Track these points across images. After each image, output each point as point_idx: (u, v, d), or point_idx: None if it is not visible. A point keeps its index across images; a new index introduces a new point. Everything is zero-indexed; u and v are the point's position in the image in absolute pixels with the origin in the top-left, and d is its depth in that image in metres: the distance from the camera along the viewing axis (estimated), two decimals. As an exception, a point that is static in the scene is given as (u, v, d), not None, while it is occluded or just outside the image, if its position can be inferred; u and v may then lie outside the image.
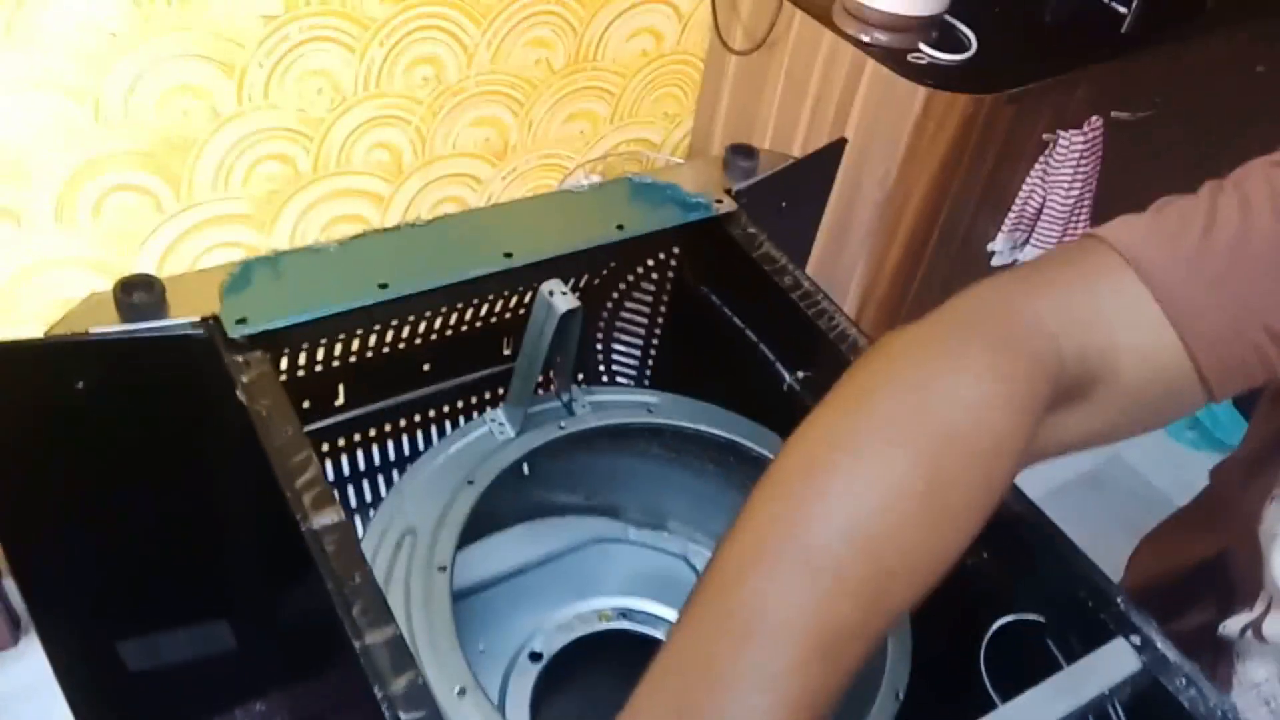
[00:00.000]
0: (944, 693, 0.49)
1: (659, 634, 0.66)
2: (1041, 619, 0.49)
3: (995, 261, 1.40)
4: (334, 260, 0.57)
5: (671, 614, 0.67)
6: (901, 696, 0.51)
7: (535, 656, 0.63)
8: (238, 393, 0.49)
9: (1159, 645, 0.46)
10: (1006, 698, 0.45)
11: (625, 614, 0.67)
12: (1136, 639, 0.46)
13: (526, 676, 0.62)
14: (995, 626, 0.49)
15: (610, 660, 0.66)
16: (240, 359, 0.51)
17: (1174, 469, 1.84)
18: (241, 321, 0.52)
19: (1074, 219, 1.35)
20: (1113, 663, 0.45)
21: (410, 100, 1.32)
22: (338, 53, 1.23)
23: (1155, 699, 0.46)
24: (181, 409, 0.54)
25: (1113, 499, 1.81)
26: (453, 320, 0.66)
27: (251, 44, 1.17)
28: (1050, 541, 0.50)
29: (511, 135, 1.44)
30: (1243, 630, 0.58)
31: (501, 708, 0.60)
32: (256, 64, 1.20)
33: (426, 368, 0.69)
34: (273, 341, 0.53)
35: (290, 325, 0.53)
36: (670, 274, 0.73)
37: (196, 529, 0.60)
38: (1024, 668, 0.47)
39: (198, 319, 0.52)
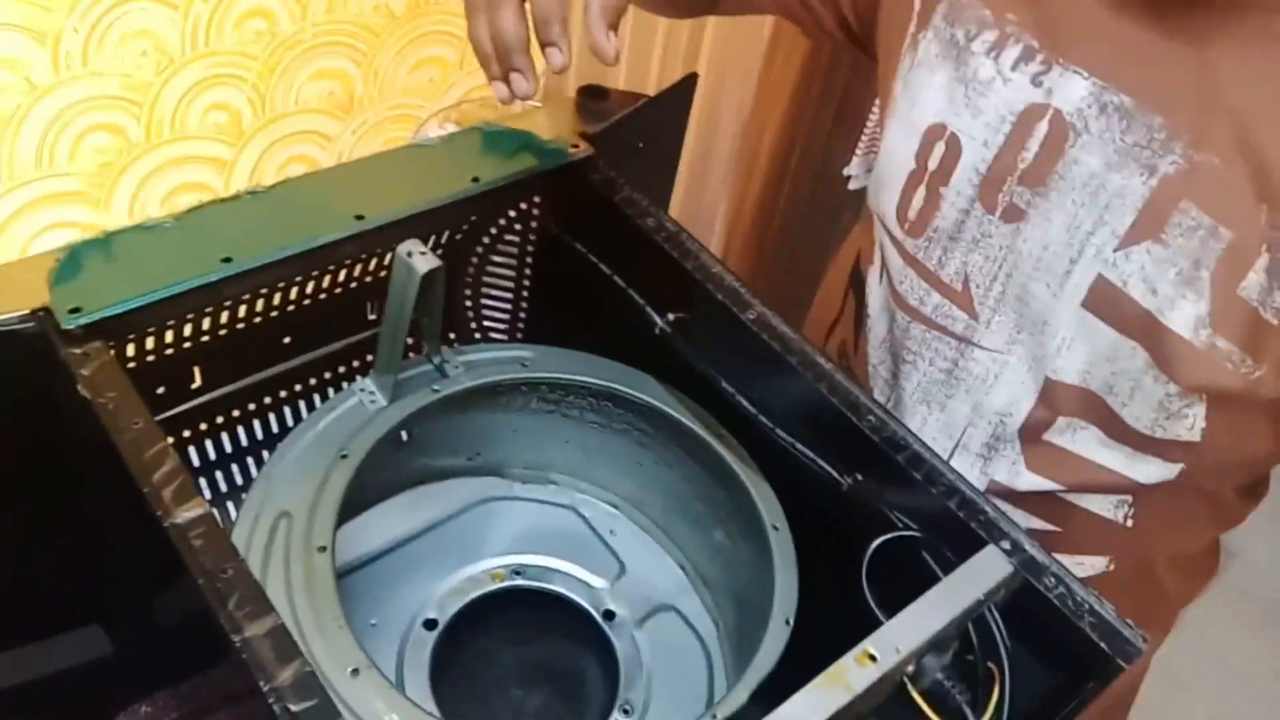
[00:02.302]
0: (832, 615, 0.50)
1: (554, 587, 0.66)
2: (917, 533, 0.51)
3: (852, 185, 1.43)
4: (171, 236, 0.53)
5: (565, 565, 0.67)
6: (791, 622, 0.53)
7: (430, 624, 0.62)
8: (79, 387, 0.46)
9: (1027, 548, 0.48)
10: (891, 613, 0.47)
11: (518, 571, 0.67)
12: (1006, 544, 0.48)
13: (423, 645, 0.61)
14: (873, 546, 0.50)
15: (507, 618, 0.66)
16: (78, 351, 0.48)
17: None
18: (75, 311, 0.49)
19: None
20: (986, 569, 0.47)
21: (244, 56, 1.25)
22: (159, 11, 1.16)
23: (1027, 598, 0.48)
24: (21, 409, 0.50)
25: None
26: (309, 289, 0.63)
27: (61, 8, 1.09)
28: (919, 458, 0.51)
29: (357, 87, 1.38)
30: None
31: (399, 680, 0.59)
32: (71, 29, 1.11)
33: (288, 341, 0.66)
34: (112, 329, 0.50)
35: (128, 310, 0.50)
36: (534, 224, 0.72)
37: (56, 533, 0.57)
38: (905, 582, 0.49)
39: (27, 312, 0.49)
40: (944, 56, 0.60)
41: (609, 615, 0.65)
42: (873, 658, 0.43)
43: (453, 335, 0.77)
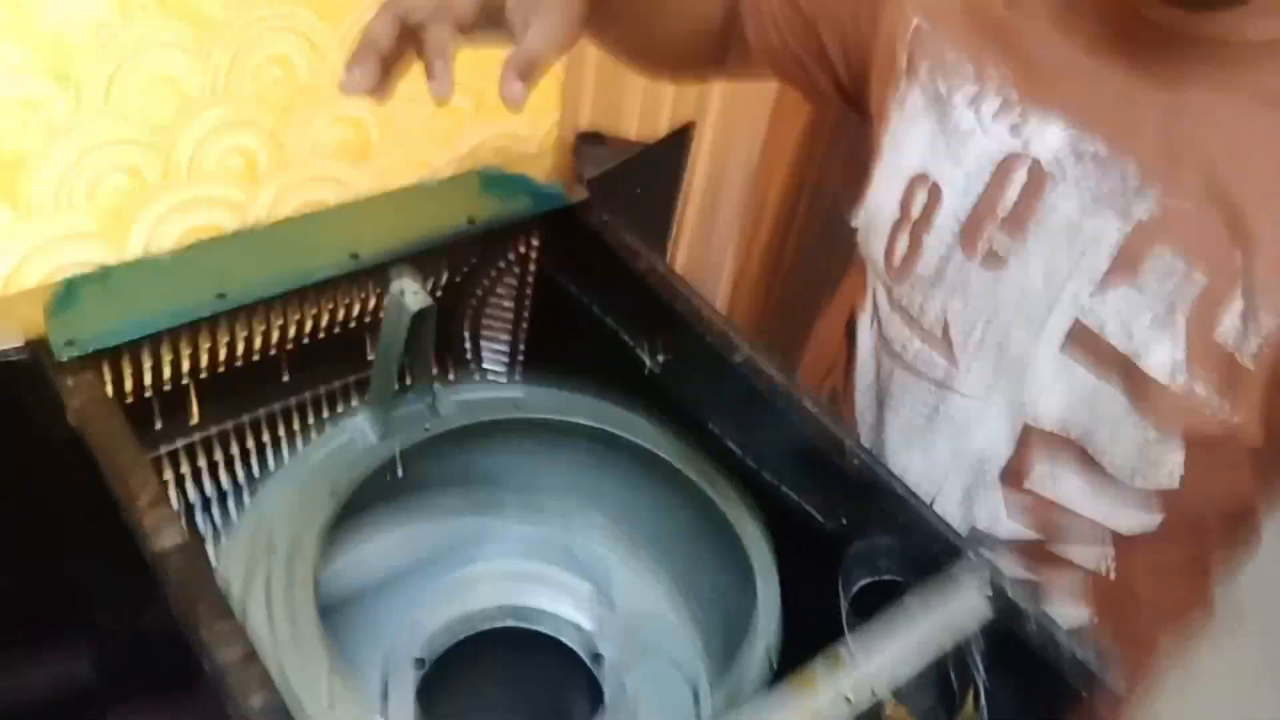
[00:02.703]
0: (814, 656, 0.50)
1: (544, 629, 0.66)
2: (899, 579, 0.51)
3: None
4: (167, 271, 0.54)
5: (556, 606, 0.67)
6: (775, 665, 0.52)
7: (418, 662, 0.62)
8: (68, 417, 0.47)
9: (1010, 594, 0.48)
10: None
11: (508, 610, 0.66)
12: (988, 588, 0.48)
13: (409, 683, 0.61)
14: (855, 589, 0.50)
15: (496, 658, 0.65)
16: (70, 382, 0.49)
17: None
18: (70, 343, 0.50)
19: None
20: (966, 612, 0.47)
21: (261, 103, 1.28)
22: (179, 57, 1.19)
23: (1010, 645, 0.47)
24: (13, 438, 0.51)
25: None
26: (307, 327, 0.64)
27: (85, 52, 1.12)
28: (904, 503, 0.51)
29: (372, 133, 1.41)
30: None
31: (385, 717, 0.59)
32: (92, 72, 1.14)
33: (285, 378, 0.67)
34: (105, 361, 0.51)
35: (122, 343, 0.51)
36: (531, 266, 0.73)
37: (44, 556, 0.57)
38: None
39: (21, 343, 0.50)
40: (928, 109, 0.61)
41: (598, 657, 0.64)
42: (848, 700, 0.42)
43: (451, 376, 0.77)
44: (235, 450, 0.65)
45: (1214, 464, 0.56)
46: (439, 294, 0.71)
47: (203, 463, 0.64)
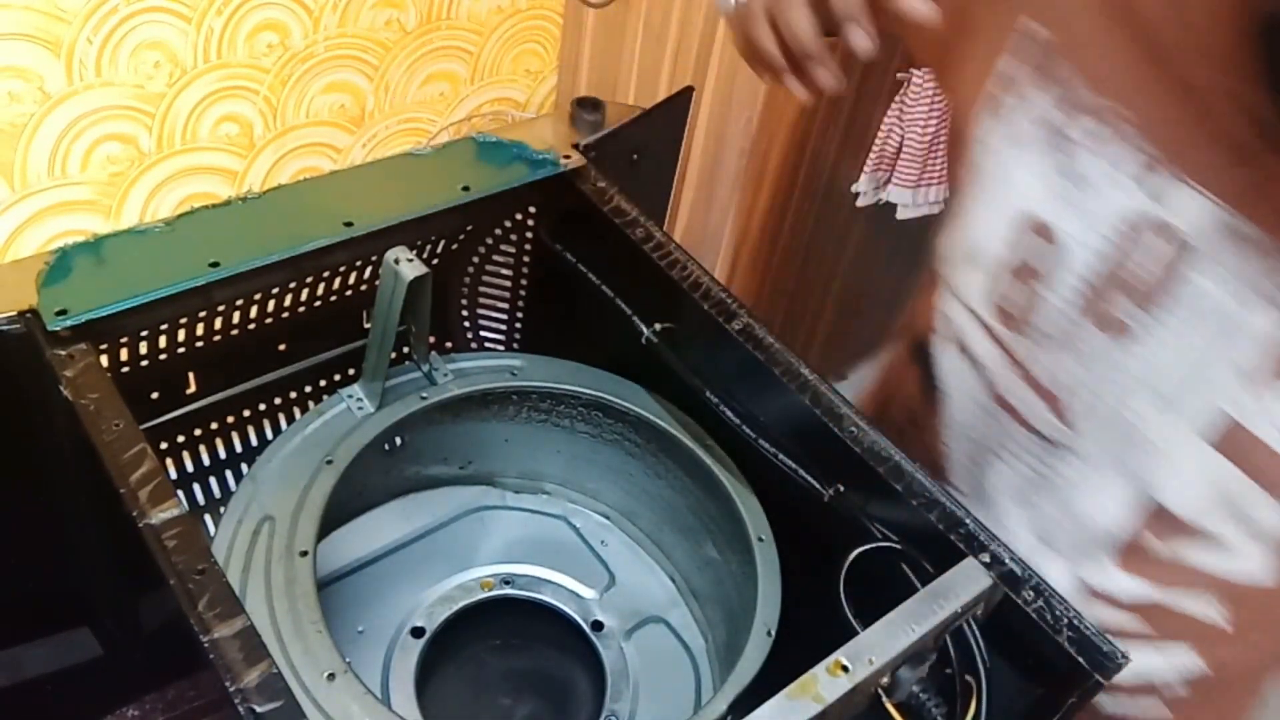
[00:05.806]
0: (812, 625, 0.50)
1: (544, 597, 0.66)
2: (896, 545, 0.51)
3: (860, 202, 1.43)
4: (161, 240, 0.54)
5: (555, 575, 0.67)
6: (773, 633, 0.53)
7: (417, 632, 0.62)
8: (61, 388, 0.47)
9: (1007, 561, 0.48)
10: (869, 624, 0.46)
11: (508, 580, 0.67)
12: (986, 557, 0.48)
13: (409, 653, 0.61)
14: (852, 556, 0.50)
15: (495, 627, 0.66)
16: (62, 353, 0.48)
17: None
18: (62, 313, 0.49)
19: (932, 155, 1.38)
20: (965, 581, 0.47)
21: (255, 69, 1.27)
22: (172, 23, 1.17)
23: (1007, 612, 0.47)
24: (7, 411, 0.51)
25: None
26: (303, 296, 0.63)
27: (76, 19, 1.11)
28: (900, 470, 0.51)
29: (368, 100, 1.40)
30: None
31: (385, 687, 0.59)
32: (85, 40, 1.13)
33: (282, 348, 0.66)
34: (99, 332, 0.50)
35: (115, 313, 0.50)
36: (528, 234, 0.72)
37: (44, 535, 0.57)
38: (884, 594, 0.48)
39: (14, 314, 0.49)
40: (1045, 144, 0.53)
41: (597, 626, 0.65)
42: (845, 668, 0.42)
43: (449, 344, 0.77)
44: (231, 421, 0.65)
45: None
46: (435, 262, 0.70)
47: (199, 433, 0.64)
